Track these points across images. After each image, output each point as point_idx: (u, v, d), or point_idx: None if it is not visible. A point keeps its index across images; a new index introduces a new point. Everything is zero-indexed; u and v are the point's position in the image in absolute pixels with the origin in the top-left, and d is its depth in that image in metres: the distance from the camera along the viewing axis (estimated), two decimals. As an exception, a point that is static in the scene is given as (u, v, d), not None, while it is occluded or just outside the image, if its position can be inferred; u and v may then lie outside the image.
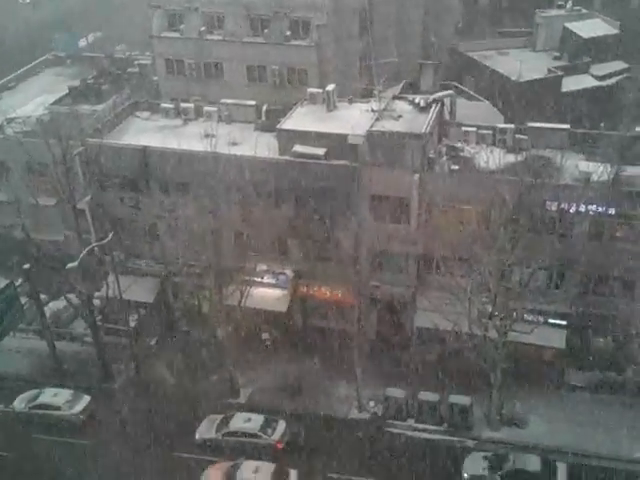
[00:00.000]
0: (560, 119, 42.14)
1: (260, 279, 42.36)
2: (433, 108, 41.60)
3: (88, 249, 39.72)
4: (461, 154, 40.54)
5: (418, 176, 38.49)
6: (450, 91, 44.90)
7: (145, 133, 45.02)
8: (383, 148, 38.88)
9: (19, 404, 40.78)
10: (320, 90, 44.15)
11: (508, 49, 59.77)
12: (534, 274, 35.95)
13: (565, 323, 39.31)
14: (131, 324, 44.62)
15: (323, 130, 40.70)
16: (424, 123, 39.79)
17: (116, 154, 42.73)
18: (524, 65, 52.99)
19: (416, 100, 42.58)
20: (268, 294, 43.03)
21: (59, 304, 46.33)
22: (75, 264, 38.43)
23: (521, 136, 40.64)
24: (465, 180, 37.61)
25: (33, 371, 43.89)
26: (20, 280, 43.02)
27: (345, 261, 38.75)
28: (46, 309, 44.58)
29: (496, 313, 35.95)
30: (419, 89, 48.67)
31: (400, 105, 42.77)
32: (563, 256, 37.20)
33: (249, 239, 39.87)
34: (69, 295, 42.80)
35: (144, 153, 42.18)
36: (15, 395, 41.37)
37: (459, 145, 41.42)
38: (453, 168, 39.33)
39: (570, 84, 53.23)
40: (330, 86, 43.61)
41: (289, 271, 43.03)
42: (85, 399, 40.77)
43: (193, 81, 52.14)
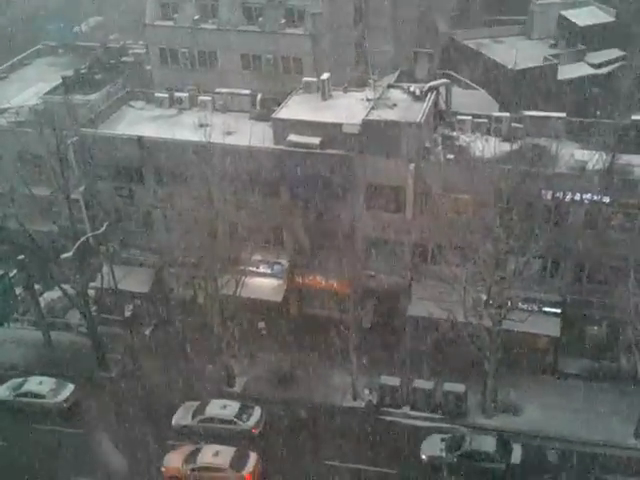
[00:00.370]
0: (556, 107, 42.08)
1: (255, 269, 42.36)
2: (428, 97, 41.49)
3: (83, 239, 39.70)
4: (456, 143, 40.49)
5: (413, 165, 38.44)
6: (445, 80, 44.73)
7: (139, 123, 44.88)
8: (378, 137, 38.80)
9: (4, 392, 40.89)
10: (315, 79, 43.98)
11: (504, 37, 59.58)
12: (529, 263, 35.98)
13: (559, 311, 39.44)
14: (126, 314, 44.70)
15: (318, 119, 40.61)
16: (419, 112, 39.71)
17: (110, 144, 42.62)
18: (520, 53, 52.83)
19: (411, 89, 42.45)
20: (263, 284, 43.08)
21: (54, 294, 46.25)
22: (70, 254, 38.40)
23: (516, 125, 40.57)
24: (460, 169, 37.54)
25: (28, 361, 43.88)
26: (15, 270, 42.98)
27: (340, 250, 38.74)
28: (41, 299, 44.69)
29: (491, 302, 36.04)
30: (414, 78, 48.52)
31: (395, 94, 42.64)
32: (558, 245, 37.25)
33: (244, 229, 39.83)
34: (64, 285, 42.76)
35: (138, 143, 42.01)
36: (5, 385, 41.53)
37: (454, 134, 41.35)
38: (448, 157, 39.28)
39: (566, 72, 53.10)
40: (325, 75, 43.46)
41: (284, 261, 43.05)
42: (69, 387, 40.94)
43: (187, 70, 51.95)
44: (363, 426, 38.45)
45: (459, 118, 41.87)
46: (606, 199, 36.59)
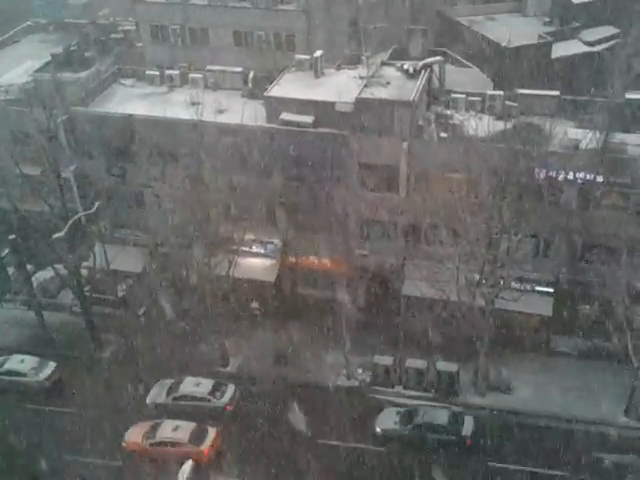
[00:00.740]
0: (550, 86, 41.81)
1: (248, 249, 42.27)
2: (422, 75, 41.21)
3: (74, 219, 39.47)
4: (450, 121, 40.24)
5: (407, 144, 38.25)
6: (439, 57, 44.35)
7: (130, 101, 44.47)
8: (371, 115, 38.55)
9: None
10: (308, 56, 43.59)
11: (498, 14, 58.98)
12: (521, 242, 35.99)
13: (552, 290, 39.53)
14: (119, 294, 44.60)
15: (311, 97, 40.29)
16: (413, 90, 39.42)
17: (101, 122, 42.23)
18: (514, 31, 52.34)
19: (405, 66, 42.13)
20: (256, 264, 43.02)
21: (46, 274, 46.07)
22: (61, 234, 38.21)
23: (510, 103, 40.38)
24: (454, 148, 37.36)
25: (21, 341, 43.78)
26: (6, 250, 42.74)
27: (333, 230, 38.65)
28: (33, 279, 44.42)
29: (483, 281, 36.10)
30: (408, 55, 48.11)
31: (388, 71, 42.32)
32: (551, 224, 37.24)
33: (237, 208, 39.66)
34: (56, 265, 42.58)
35: (129, 121, 41.66)
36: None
37: (448, 112, 41.12)
38: (442, 136, 39.08)
39: (560, 50, 52.70)
40: (318, 52, 43.10)
41: (277, 240, 42.93)
42: (51, 366, 40.99)
43: (178, 47, 51.39)
44: (352, 404, 38.47)
45: (453, 96, 41.65)
46: (599, 178, 36.52)
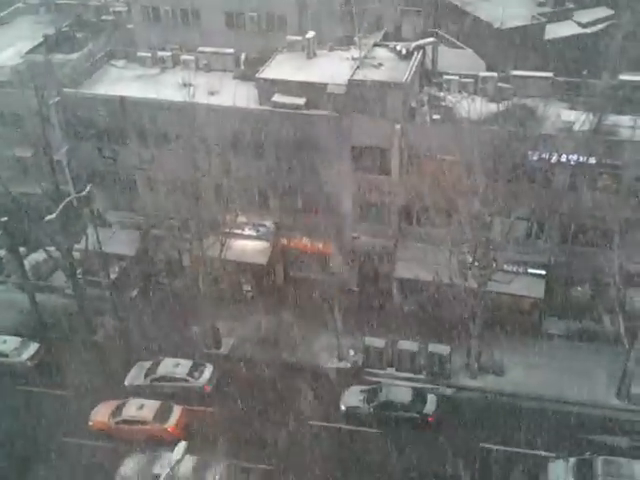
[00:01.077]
0: (543, 67, 41.67)
1: (241, 231, 42.23)
2: (415, 56, 40.99)
3: (66, 201, 39.32)
4: (443, 103, 40.12)
5: (399, 126, 38.13)
6: (432, 39, 44.12)
7: (122, 82, 44.24)
8: (364, 97, 38.39)
9: None
10: (300, 37, 43.35)
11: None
12: (514, 224, 36.00)
13: (544, 273, 39.62)
14: (112, 276, 44.50)
15: (303, 79, 40.09)
16: (405, 71, 39.22)
17: (92, 104, 41.99)
18: (507, 12, 52.08)
19: (397, 48, 41.90)
20: (249, 246, 43.00)
21: (39, 257, 46.00)
22: (54, 216, 38.08)
23: (504, 85, 40.22)
24: (447, 130, 37.27)
25: (13, 324, 43.74)
26: (-2, 233, 42.53)
27: (326, 213, 38.61)
28: (25, 262, 44.28)
29: (476, 263, 36.12)
30: (400, 36, 47.90)
31: (381, 53, 42.13)
32: (543, 206, 37.24)
33: (229, 190, 39.57)
34: (48, 247, 42.48)
35: (121, 103, 41.41)
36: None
37: (441, 94, 40.97)
38: (435, 118, 38.96)
39: (553, 31, 52.47)
40: (310, 33, 42.84)
41: (270, 223, 42.88)
42: (34, 346, 41.13)
43: (170, 29, 51.02)
44: (342, 386, 38.59)
45: (445, 78, 41.47)
46: (592, 160, 36.49)
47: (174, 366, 38.73)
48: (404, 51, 41.38)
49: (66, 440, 36.28)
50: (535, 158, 36.59)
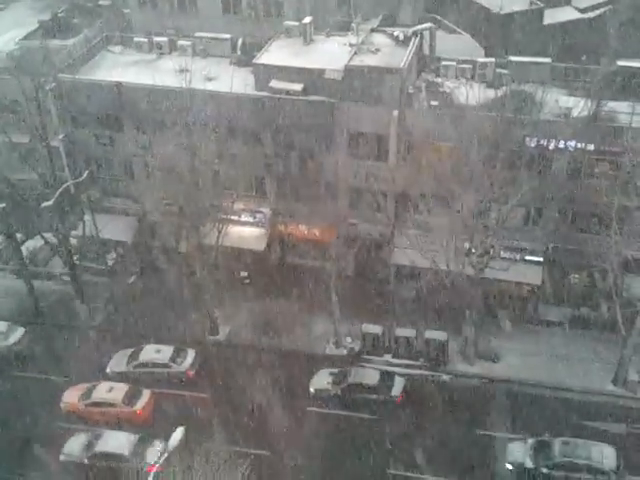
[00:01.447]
0: (541, 53, 41.42)
1: (238, 217, 42.15)
2: (412, 41, 40.81)
3: (63, 187, 39.24)
4: (440, 89, 39.96)
5: (397, 112, 37.96)
6: (429, 24, 43.85)
7: (118, 68, 43.98)
8: (361, 83, 38.22)
9: None
10: (297, 23, 43.09)
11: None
12: (511, 211, 35.93)
13: (541, 260, 39.58)
14: (109, 263, 44.52)
15: (300, 65, 39.85)
16: (403, 57, 39.05)
17: (89, 90, 41.78)
18: (506, -4, 51.76)
19: (395, 33, 41.71)
20: (246, 233, 42.93)
21: (36, 243, 45.89)
22: (50, 202, 38.02)
23: (501, 70, 40.03)
24: (444, 116, 37.13)
25: (11, 310, 43.74)
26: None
27: (323, 199, 38.51)
28: (23, 248, 44.20)
29: (473, 250, 36.09)
30: (398, 22, 47.62)
31: (378, 38, 41.92)
32: (541, 193, 37.14)
33: (226, 177, 39.47)
34: (45, 234, 42.42)
35: (118, 89, 41.18)
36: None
37: (438, 80, 40.79)
38: (432, 104, 38.80)
39: (552, 16, 52.16)
40: (307, 19, 42.59)
41: (267, 209, 42.80)
42: (20, 331, 41.13)
43: (167, 14, 50.62)
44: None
45: (443, 64, 41.28)
46: (590, 146, 36.37)
47: (156, 352, 38.68)
48: (401, 37, 41.19)
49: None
50: (533, 144, 36.47)
